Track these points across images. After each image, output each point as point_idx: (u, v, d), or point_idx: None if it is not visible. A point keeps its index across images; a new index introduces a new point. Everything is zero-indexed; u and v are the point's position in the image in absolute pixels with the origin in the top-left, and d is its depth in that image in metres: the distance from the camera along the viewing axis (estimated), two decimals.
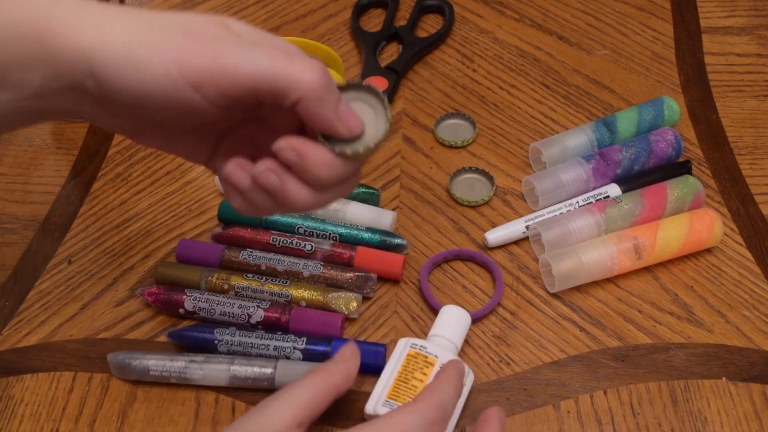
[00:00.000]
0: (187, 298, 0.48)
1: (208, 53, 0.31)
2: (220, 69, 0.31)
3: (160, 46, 0.31)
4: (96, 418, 0.45)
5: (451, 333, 0.45)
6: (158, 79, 0.30)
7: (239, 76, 0.31)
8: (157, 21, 0.31)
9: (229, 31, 0.33)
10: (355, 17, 0.68)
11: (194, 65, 0.30)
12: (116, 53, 0.30)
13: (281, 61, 0.31)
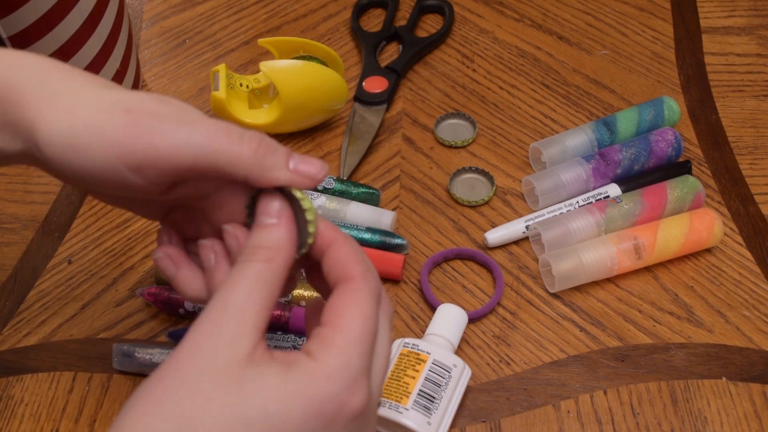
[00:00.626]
0: None
1: (146, 137, 0.30)
2: (158, 153, 0.30)
3: (101, 130, 0.31)
4: (96, 418, 0.45)
5: (446, 331, 0.45)
6: (98, 163, 0.31)
7: (177, 158, 0.31)
8: (102, 98, 0.32)
9: (170, 106, 0.32)
10: (355, 17, 0.68)
11: (133, 150, 0.30)
12: (60, 136, 0.31)
13: (220, 139, 0.31)
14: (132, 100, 0.32)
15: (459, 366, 0.43)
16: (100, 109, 0.31)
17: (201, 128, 0.31)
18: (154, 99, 0.32)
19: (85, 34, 0.55)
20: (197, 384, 0.27)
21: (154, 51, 0.67)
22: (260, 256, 0.30)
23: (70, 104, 0.31)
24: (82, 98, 0.32)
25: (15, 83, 0.32)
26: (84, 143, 0.31)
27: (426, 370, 0.42)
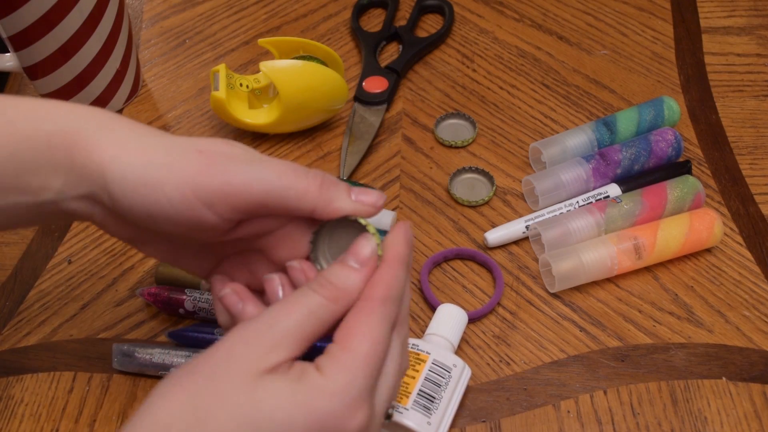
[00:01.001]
0: (187, 298, 0.48)
1: (220, 174, 0.32)
2: (231, 188, 0.32)
3: (176, 167, 0.32)
4: (96, 418, 0.45)
5: (447, 331, 0.45)
6: (172, 199, 0.32)
7: (249, 194, 0.32)
8: (172, 143, 0.33)
9: (238, 148, 0.34)
10: (355, 17, 0.68)
11: (207, 186, 0.32)
12: (134, 173, 0.32)
13: (288, 175, 0.33)
14: (201, 142, 0.34)
15: (459, 366, 0.43)
16: (173, 149, 0.33)
17: (271, 166, 0.33)
18: (222, 142, 0.34)
19: (85, 34, 0.55)
20: (221, 383, 0.29)
21: (154, 51, 0.67)
22: (326, 293, 0.31)
23: (142, 146, 0.33)
24: (151, 141, 0.33)
25: (76, 130, 0.33)
26: (159, 179, 0.32)
27: (426, 370, 0.42)
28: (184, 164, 0.32)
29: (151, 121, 0.62)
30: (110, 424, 0.44)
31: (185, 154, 0.33)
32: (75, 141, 0.33)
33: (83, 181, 0.33)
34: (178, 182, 0.32)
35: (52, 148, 0.33)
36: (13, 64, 0.57)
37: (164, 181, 0.32)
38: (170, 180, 0.32)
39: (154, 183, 0.32)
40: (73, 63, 0.56)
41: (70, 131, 0.33)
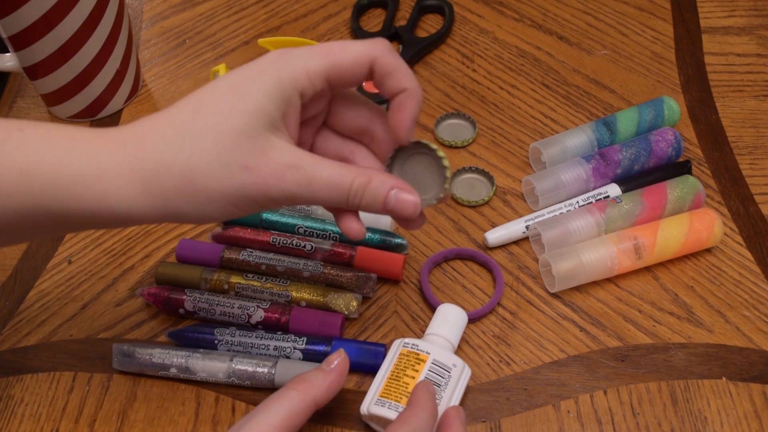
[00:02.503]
0: (187, 299, 0.48)
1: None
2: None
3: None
4: (96, 418, 0.45)
5: (446, 331, 0.45)
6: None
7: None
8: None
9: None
10: (355, 17, 0.68)
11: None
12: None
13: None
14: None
15: (459, 366, 0.43)
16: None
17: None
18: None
19: (85, 34, 0.55)
20: None
21: (154, 51, 0.67)
22: (299, 387, 0.38)
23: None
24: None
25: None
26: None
27: (426, 370, 0.42)
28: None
29: None
30: (110, 424, 0.44)
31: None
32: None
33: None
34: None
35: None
36: (13, 64, 0.57)
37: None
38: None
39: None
40: (73, 63, 0.56)
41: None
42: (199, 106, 0.33)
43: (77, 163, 0.32)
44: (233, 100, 0.33)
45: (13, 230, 0.34)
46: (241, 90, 0.33)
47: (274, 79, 0.33)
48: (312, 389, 0.38)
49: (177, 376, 0.45)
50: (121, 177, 0.33)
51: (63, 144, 0.33)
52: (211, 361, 0.45)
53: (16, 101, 0.64)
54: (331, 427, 0.44)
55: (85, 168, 0.32)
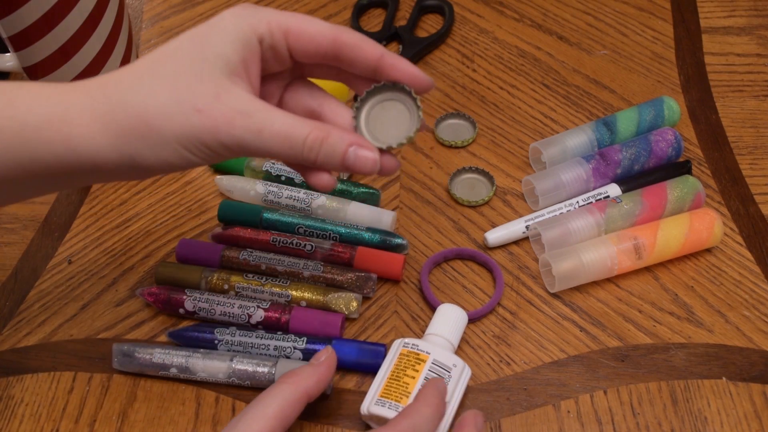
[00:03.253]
0: (188, 299, 0.48)
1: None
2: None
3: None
4: (96, 418, 0.45)
5: (446, 331, 0.45)
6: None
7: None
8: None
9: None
10: (355, 17, 0.68)
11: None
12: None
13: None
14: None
15: (459, 366, 0.43)
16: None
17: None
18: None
19: (85, 34, 0.55)
20: None
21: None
22: (290, 380, 0.39)
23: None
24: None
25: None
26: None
27: (426, 370, 0.42)
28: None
29: None
30: (110, 424, 0.44)
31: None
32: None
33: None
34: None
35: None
36: (13, 64, 0.57)
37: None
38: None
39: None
40: (73, 63, 0.56)
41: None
42: (160, 54, 0.35)
43: (44, 108, 0.34)
44: (190, 46, 0.34)
45: (17, 185, 0.36)
46: (200, 37, 0.35)
47: (233, 24, 0.35)
48: (302, 381, 0.39)
49: (177, 376, 0.45)
50: (82, 117, 0.34)
51: (31, 92, 0.34)
52: (211, 361, 0.45)
53: None
54: (331, 427, 0.44)
55: (50, 112, 0.34)
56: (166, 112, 0.34)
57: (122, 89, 0.34)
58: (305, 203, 0.53)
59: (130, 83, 0.34)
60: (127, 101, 0.34)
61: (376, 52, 0.37)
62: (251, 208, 0.53)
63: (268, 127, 0.34)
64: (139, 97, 0.34)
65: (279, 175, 0.55)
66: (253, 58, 0.36)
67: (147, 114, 0.34)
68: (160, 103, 0.34)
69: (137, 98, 0.34)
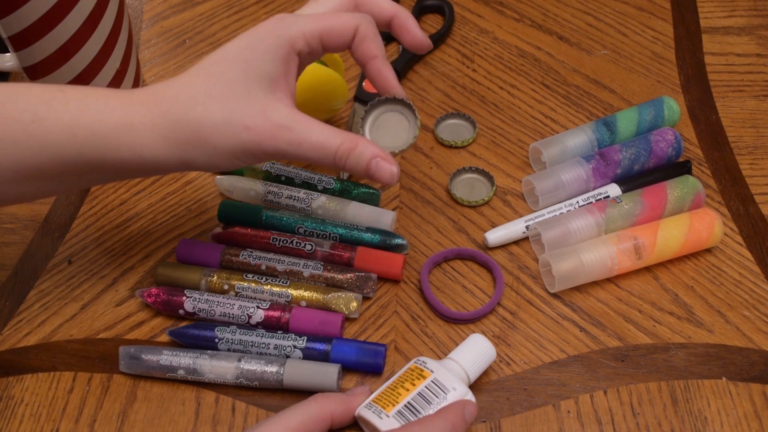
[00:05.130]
0: (187, 299, 0.48)
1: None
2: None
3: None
4: (96, 418, 0.45)
5: (465, 359, 0.44)
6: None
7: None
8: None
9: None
10: None
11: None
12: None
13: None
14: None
15: (459, 391, 0.41)
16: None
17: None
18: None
19: (85, 34, 0.55)
20: None
21: (154, 51, 0.67)
22: (320, 400, 0.40)
23: None
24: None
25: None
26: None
27: (422, 386, 0.41)
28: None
29: None
30: (110, 424, 0.44)
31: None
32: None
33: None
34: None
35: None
36: (13, 64, 0.57)
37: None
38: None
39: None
40: (73, 63, 0.56)
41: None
42: (209, 75, 0.39)
43: (113, 117, 0.39)
44: (237, 70, 0.39)
45: (55, 177, 0.40)
46: (245, 59, 0.39)
47: (274, 44, 0.39)
48: (331, 405, 0.40)
49: (185, 378, 0.45)
50: (145, 130, 0.39)
51: (99, 102, 0.39)
52: (219, 362, 0.45)
53: None
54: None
55: (117, 123, 0.39)
56: (219, 130, 0.39)
57: (179, 109, 0.39)
58: (305, 203, 0.53)
59: (186, 103, 0.39)
60: (184, 119, 0.39)
61: (374, 51, 0.42)
62: (251, 208, 0.53)
63: (306, 139, 0.39)
64: (195, 115, 0.39)
65: (279, 175, 0.55)
66: (293, 68, 0.41)
67: (203, 131, 0.39)
68: (215, 122, 0.38)
69: (193, 116, 0.39)
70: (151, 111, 0.39)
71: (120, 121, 0.39)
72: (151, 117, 0.39)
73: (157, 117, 0.39)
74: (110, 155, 0.39)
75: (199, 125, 0.38)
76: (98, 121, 0.39)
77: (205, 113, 0.38)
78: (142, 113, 0.39)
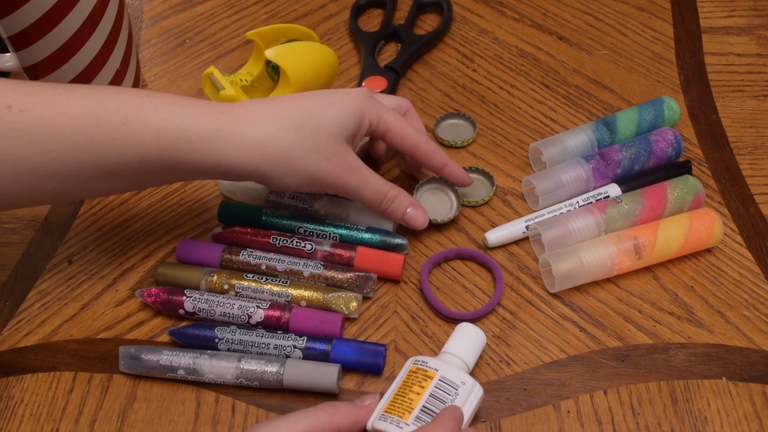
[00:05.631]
0: (187, 299, 0.48)
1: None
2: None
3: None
4: (96, 418, 0.45)
5: (461, 350, 0.44)
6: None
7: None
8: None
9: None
10: (354, 17, 0.68)
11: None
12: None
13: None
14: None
15: (468, 384, 0.41)
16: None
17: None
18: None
19: (85, 34, 0.55)
20: None
21: (154, 51, 0.67)
22: (327, 410, 0.40)
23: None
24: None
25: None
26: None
27: (432, 386, 0.41)
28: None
29: None
30: (110, 424, 0.44)
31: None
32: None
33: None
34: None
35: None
36: (13, 64, 0.57)
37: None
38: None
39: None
40: (73, 63, 0.56)
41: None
42: (304, 110, 0.45)
43: (199, 125, 0.43)
44: (329, 113, 0.46)
45: (132, 176, 0.43)
46: (335, 108, 0.46)
47: (357, 111, 0.47)
48: (338, 416, 0.40)
49: (185, 378, 0.45)
50: (232, 140, 0.43)
51: (186, 109, 0.43)
52: (219, 362, 0.45)
53: None
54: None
55: (204, 129, 0.43)
56: (307, 156, 0.45)
57: (272, 129, 0.44)
58: (307, 203, 0.53)
59: (279, 125, 0.44)
60: (276, 139, 0.44)
61: (441, 161, 0.51)
62: (251, 209, 0.53)
63: (367, 182, 0.48)
64: (287, 138, 0.44)
65: None
66: (361, 133, 0.48)
67: (292, 153, 0.44)
68: (304, 148, 0.45)
69: (286, 139, 0.44)
70: (239, 123, 0.44)
71: (207, 127, 0.43)
72: (239, 129, 0.43)
73: (247, 130, 0.44)
74: (190, 158, 0.43)
75: (290, 148, 0.44)
76: (185, 127, 0.42)
77: (298, 139, 0.44)
78: (228, 125, 0.43)
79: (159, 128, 0.42)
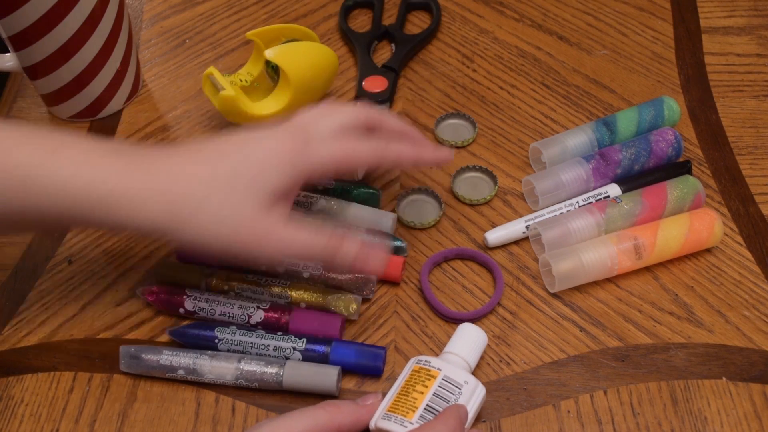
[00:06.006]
0: (188, 298, 0.48)
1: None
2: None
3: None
4: (96, 418, 0.45)
5: (463, 350, 0.44)
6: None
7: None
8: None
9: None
10: (343, 18, 0.68)
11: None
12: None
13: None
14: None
15: (471, 384, 0.42)
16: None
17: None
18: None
19: (85, 34, 0.55)
20: None
21: (154, 51, 0.67)
22: (328, 408, 0.40)
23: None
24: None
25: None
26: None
27: (435, 386, 0.41)
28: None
29: (151, 122, 0.62)
30: (110, 424, 0.44)
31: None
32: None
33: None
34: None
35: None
36: (13, 64, 0.57)
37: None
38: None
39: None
40: (73, 63, 0.56)
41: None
42: (225, 175, 0.41)
43: (104, 187, 0.40)
44: (248, 179, 0.41)
45: (36, 226, 0.43)
46: (261, 174, 0.41)
47: (287, 171, 0.42)
48: (340, 415, 0.40)
49: (185, 378, 0.45)
50: (151, 201, 0.40)
51: (93, 169, 0.40)
52: (219, 362, 0.45)
53: (16, 101, 0.64)
54: None
55: (115, 188, 0.40)
56: (223, 222, 0.41)
57: (195, 191, 0.40)
58: (305, 206, 0.53)
59: (205, 191, 0.41)
60: (197, 205, 0.40)
61: (410, 158, 0.48)
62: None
63: (292, 247, 0.42)
64: (208, 204, 0.40)
65: None
66: (297, 187, 0.43)
67: (209, 219, 0.40)
68: (223, 216, 0.41)
69: (206, 205, 0.40)
70: (158, 183, 0.41)
71: (118, 187, 0.40)
72: (159, 189, 0.40)
73: (168, 194, 0.40)
74: (99, 216, 0.40)
75: (210, 214, 0.41)
76: (86, 191, 0.40)
77: (218, 207, 0.41)
78: (146, 185, 0.40)
79: (60, 189, 0.40)
